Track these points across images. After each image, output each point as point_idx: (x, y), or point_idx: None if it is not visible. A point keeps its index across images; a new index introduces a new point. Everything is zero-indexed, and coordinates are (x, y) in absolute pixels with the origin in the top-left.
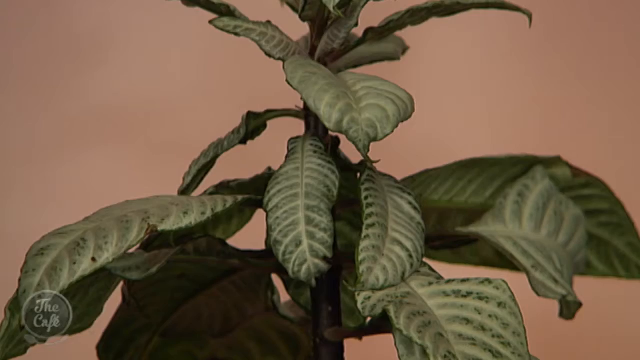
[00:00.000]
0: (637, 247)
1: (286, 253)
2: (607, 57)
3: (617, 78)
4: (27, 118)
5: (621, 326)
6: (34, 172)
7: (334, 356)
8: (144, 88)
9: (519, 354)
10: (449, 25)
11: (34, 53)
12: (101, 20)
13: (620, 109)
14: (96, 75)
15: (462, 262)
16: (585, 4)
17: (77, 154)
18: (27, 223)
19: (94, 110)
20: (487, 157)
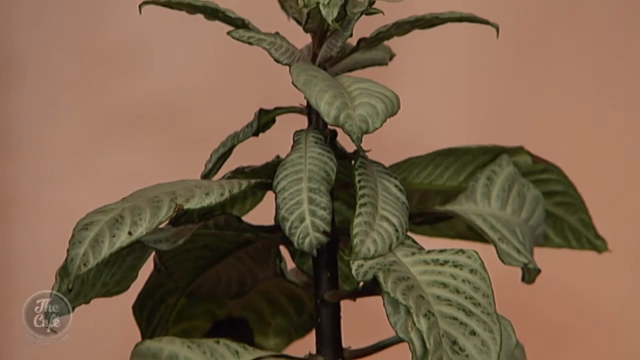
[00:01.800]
0: (587, 222)
1: (292, 228)
2: (568, 62)
3: (576, 82)
4: (68, 114)
5: (569, 288)
6: (77, 161)
7: (332, 315)
8: (171, 89)
9: (487, 312)
10: (429, 36)
11: (75, 56)
12: (135, 29)
13: (575, 108)
14: (130, 77)
15: (440, 235)
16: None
17: (114, 145)
18: (72, 204)
19: (127, 108)
20: (461, 147)
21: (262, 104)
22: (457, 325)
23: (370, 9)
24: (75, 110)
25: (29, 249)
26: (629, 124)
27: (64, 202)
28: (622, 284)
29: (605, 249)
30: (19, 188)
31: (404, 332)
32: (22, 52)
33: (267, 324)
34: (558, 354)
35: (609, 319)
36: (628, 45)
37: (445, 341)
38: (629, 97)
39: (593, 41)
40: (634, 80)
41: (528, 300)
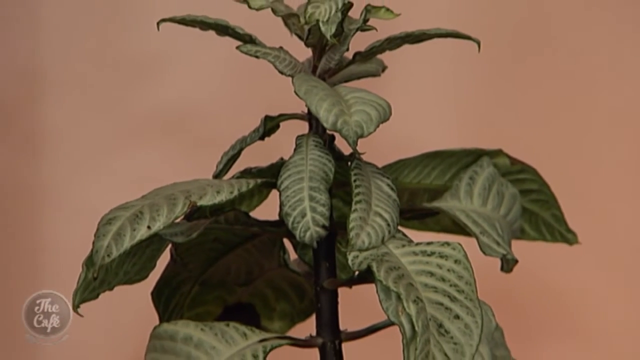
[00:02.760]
0: (559, 218)
1: (294, 222)
2: (541, 74)
3: (549, 91)
4: (92, 120)
5: (543, 276)
6: (100, 162)
7: (330, 301)
8: (186, 97)
9: (470, 298)
10: (418, 50)
11: (99, 67)
12: (154, 43)
13: (549, 114)
14: (149, 86)
15: (427, 229)
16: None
17: (134, 147)
18: (97, 201)
19: (147, 114)
20: (446, 150)
21: (268, 111)
22: (443, 310)
23: (365, 26)
24: (98, 116)
25: (58, 242)
26: (596, 129)
27: (88, 199)
28: (591, 273)
29: (576, 242)
30: (47, 186)
31: (395, 316)
32: (52, 64)
33: (272, 309)
34: (533, 336)
35: (578, 305)
36: (590, 61)
37: (432, 324)
38: (596, 102)
39: (563, 52)
40: (600, 88)
41: (506, 287)
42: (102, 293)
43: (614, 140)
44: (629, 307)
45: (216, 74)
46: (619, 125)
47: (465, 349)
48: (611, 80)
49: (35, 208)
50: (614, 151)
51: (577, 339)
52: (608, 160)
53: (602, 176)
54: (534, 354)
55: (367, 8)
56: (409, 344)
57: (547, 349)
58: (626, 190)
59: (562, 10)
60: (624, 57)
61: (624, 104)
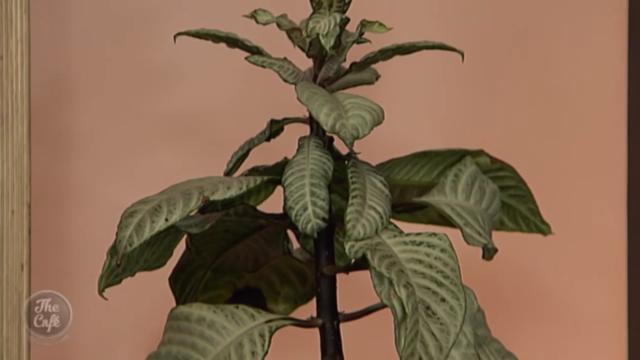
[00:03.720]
0: (535, 211)
1: (297, 215)
2: (518, 81)
3: (526, 99)
4: (117, 123)
5: (520, 263)
6: (124, 161)
7: (330, 285)
8: (200, 103)
9: (454, 283)
10: (408, 60)
11: (124, 75)
12: (172, 54)
13: (527, 119)
14: (168, 93)
15: (416, 221)
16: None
17: (154, 147)
18: (120, 196)
19: (165, 118)
20: (434, 150)
21: (273, 115)
22: (430, 293)
23: (360, 39)
24: (122, 120)
25: (85, 232)
26: (567, 131)
27: (113, 194)
28: (562, 260)
29: (550, 232)
30: (76, 182)
31: (387, 300)
32: (81, 73)
33: (277, 292)
34: (511, 317)
35: (550, 288)
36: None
37: (421, 307)
38: (567, 107)
39: (538, 63)
40: (570, 94)
41: (487, 274)
42: (124, 278)
43: (583, 141)
44: (595, 289)
45: (227, 82)
46: (586, 127)
47: (450, 328)
48: (580, 86)
49: (65, 201)
50: (583, 151)
51: (550, 318)
52: (578, 159)
53: (574, 173)
54: (511, 333)
55: (363, 23)
56: (400, 324)
57: (523, 328)
58: (595, 185)
59: (537, 22)
60: (592, 65)
61: (591, 108)
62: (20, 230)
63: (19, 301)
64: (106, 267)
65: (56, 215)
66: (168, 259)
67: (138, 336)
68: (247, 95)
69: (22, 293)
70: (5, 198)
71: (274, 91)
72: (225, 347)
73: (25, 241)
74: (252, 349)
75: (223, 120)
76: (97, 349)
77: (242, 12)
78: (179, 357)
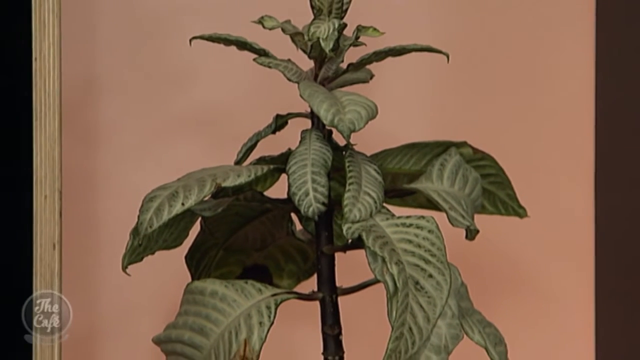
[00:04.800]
0: (512, 196)
1: (300, 200)
2: (500, 79)
3: (506, 96)
4: (139, 117)
5: (499, 243)
6: (145, 152)
7: (329, 263)
8: (213, 99)
9: (441, 261)
10: (399, 60)
11: (144, 74)
12: (188, 55)
13: (506, 114)
14: (184, 90)
15: (406, 205)
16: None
17: (172, 140)
18: (141, 183)
19: (182, 113)
20: (422, 142)
21: (278, 111)
22: (419, 270)
23: (356, 42)
24: (143, 115)
25: (110, 216)
26: (541, 124)
27: (135, 181)
28: (536, 240)
29: (526, 215)
30: (102, 172)
31: (380, 275)
32: (107, 72)
33: (282, 269)
34: (491, 291)
35: (526, 265)
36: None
37: (411, 282)
38: (541, 103)
39: (515, 64)
40: (543, 91)
41: (470, 252)
42: (145, 257)
43: (553, 134)
44: (565, 266)
45: (237, 80)
46: (557, 121)
47: (437, 301)
48: (552, 85)
49: (92, 188)
50: (555, 142)
51: (525, 292)
52: (551, 150)
53: (547, 162)
54: (491, 306)
55: (358, 28)
56: (392, 298)
57: (501, 301)
58: (566, 173)
59: (513, 26)
60: (562, 65)
61: (562, 104)
62: (52, 213)
63: (51, 276)
64: (129, 247)
65: (84, 200)
66: (184, 239)
67: (158, 308)
68: (254, 93)
69: (54, 269)
70: (38, 185)
71: (279, 89)
72: (236, 318)
73: (56, 223)
74: (260, 319)
75: (233, 115)
76: (122, 319)
77: (250, 18)
78: (194, 327)
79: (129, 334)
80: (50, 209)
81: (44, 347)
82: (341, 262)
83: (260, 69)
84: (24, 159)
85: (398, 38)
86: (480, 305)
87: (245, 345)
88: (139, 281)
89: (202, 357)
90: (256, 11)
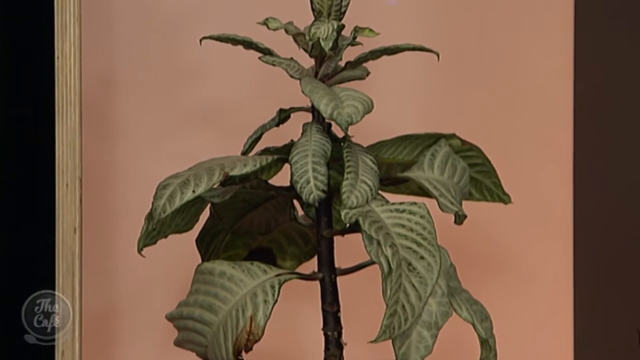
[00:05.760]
0: (497, 184)
1: (301, 188)
2: (485, 77)
3: (490, 91)
4: (154, 112)
5: (486, 227)
6: (159, 143)
7: (328, 246)
8: (222, 94)
9: (431, 244)
10: (394, 59)
11: (159, 72)
12: (199, 54)
13: (491, 108)
14: (196, 87)
15: (400, 193)
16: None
17: (184, 133)
18: (155, 173)
19: (193, 108)
20: (414, 134)
21: (281, 105)
22: (411, 252)
23: (354, 42)
24: (157, 109)
25: (126, 202)
26: (523, 117)
27: (149, 170)
28: (520, 225)
29: (510, 202)
30: (119, 161)
31: (376, 257)
32: (124, 70)
33: (285, 251)
34: (478, 271)
35: (510, 248)
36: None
37: (404, 263)
38: (524, 98)
39: (501, 61)
40: (525, 87)
41: (459, 235)
42: (159, 240)
43: (537, 126)
44: (546, 247)
45: (243, 77)
46: (539, 114)
47: (427, 281)
48: (533, 79)
49: (110, 176)
50: (537, 133)
51: (509, 272)
52: (533, 140)
53: (529, 152)
54: (478, 285)
55: (356, 29)
56: (387, 278)
57: (487, 281)
58: (547, 162)
59: (497, 28)
60: (542, 59)
61: (542, 96)
62: (73, 200)
63: (72, 259)
64: (144, 231)
65: (102, 187)
66: (195, 224)
67: (170, 287)
68: (259, 89)
69: (75, 251)
70: (61, 174)
71: (282, 85)
72: (242, 297)
73: (77, 209)
74: (265, 298)
75: (240, 109)
76: (138, 297)
77: (256, 19)
78: (204, 305)
79: (144, 311)
80: (72, 196)
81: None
82: (340, 245)
83: (264, 66)
84: (47, 150)
85: (392, 38)
86: (467, 285)
87: (251, 322)
88: (153, 262)
89: (212, 333)
90: (261, 13)
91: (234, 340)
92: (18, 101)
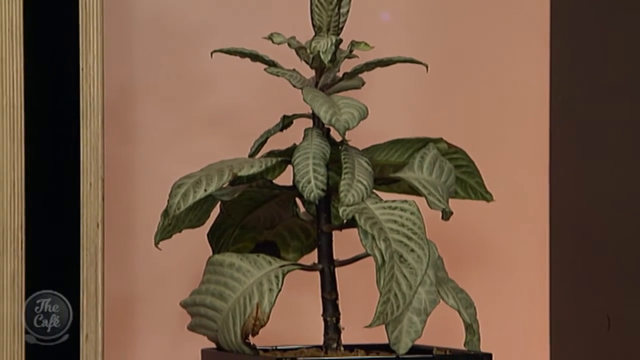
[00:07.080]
0: (480, 184)
1: (303, 187)
2: (472, 85)
3: (474, 96)
4: (167, 116)
5: (470, 222)
6: (173, 145)
7: (328, 240)
8: (232, 102)
9: (421, 238)
10: (386, 70)
11: (172, 79)
12: (210, 65)
13: (475, 113)
14: (206, 94)
15: (392, 192)
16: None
17: (196, 136)
18: (170, 173)
19: (204, 113)
20: (405, 138)
21: (285, 112)
22: (403, 246)
23: (350, 55)
24: (173, 114)
25: (144, 199)
26: (505, 121)
27: (165, 171)
28: (501, 221)
29: (492, 200)
30: (138, 162)
31: (370, 250)
32: (141, 77)
33: (288, 245)
34: (463, 263)
35: (492, 241)
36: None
37: (396, 255)
38: (507, 102)
39: (487, 68)
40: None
41: (446, 230)
42: (174, 234)
43: (517, 131)
44: (524, 241)
45: (250, 86)
46: (518, 120)
47: (417, 272)
48: (511, 83)
49: (129, 176)
50: (518, 137)
51: (491, 264)
52: (514, 144)
53: (510, 155)
54: (463, 275)
55: (352, 43)
56: (380, 269)
57: (471, 271)
58: (525, 163)
59: (480, 39)
60: (518, 65)
61: (522, 106)
62: (96, 197)
63: (95, 251)
64: (160, 226)
65: (123, 186)
66: (206, 220)
67: (184, 277)
68: (265, 97)
69: (97, 245)
70: (85, 173)
71: (285, 94)
72: (249, 286)
73: (99, 206)
74: (270, 287)
75: (247, 115)
76: (154, 286)
77: (261, 34)
78: (215, 293)
79: (160, 298)
80: (95, 194)
81: (89, 307)
82: (338, 239)
83: (269, 77)
84: (72, 152)
85: (385, 51)
86: (454, 275)
87: (258, 308)
88: (168, 255)
89: (222, 318)
90: (266, 29)
91: (242, 326)
92: (47, 108)
